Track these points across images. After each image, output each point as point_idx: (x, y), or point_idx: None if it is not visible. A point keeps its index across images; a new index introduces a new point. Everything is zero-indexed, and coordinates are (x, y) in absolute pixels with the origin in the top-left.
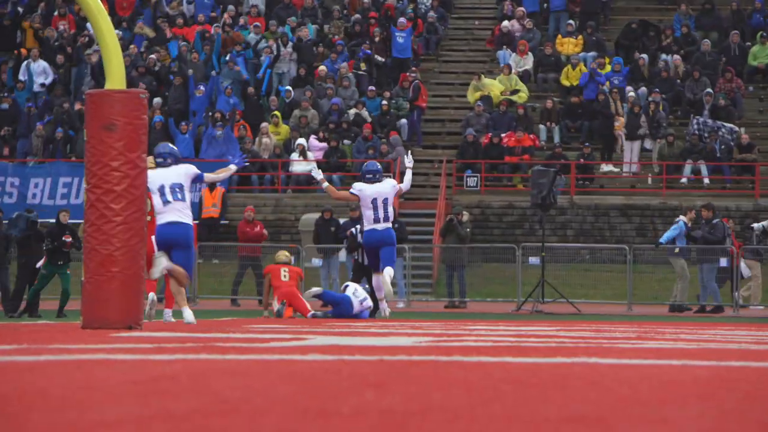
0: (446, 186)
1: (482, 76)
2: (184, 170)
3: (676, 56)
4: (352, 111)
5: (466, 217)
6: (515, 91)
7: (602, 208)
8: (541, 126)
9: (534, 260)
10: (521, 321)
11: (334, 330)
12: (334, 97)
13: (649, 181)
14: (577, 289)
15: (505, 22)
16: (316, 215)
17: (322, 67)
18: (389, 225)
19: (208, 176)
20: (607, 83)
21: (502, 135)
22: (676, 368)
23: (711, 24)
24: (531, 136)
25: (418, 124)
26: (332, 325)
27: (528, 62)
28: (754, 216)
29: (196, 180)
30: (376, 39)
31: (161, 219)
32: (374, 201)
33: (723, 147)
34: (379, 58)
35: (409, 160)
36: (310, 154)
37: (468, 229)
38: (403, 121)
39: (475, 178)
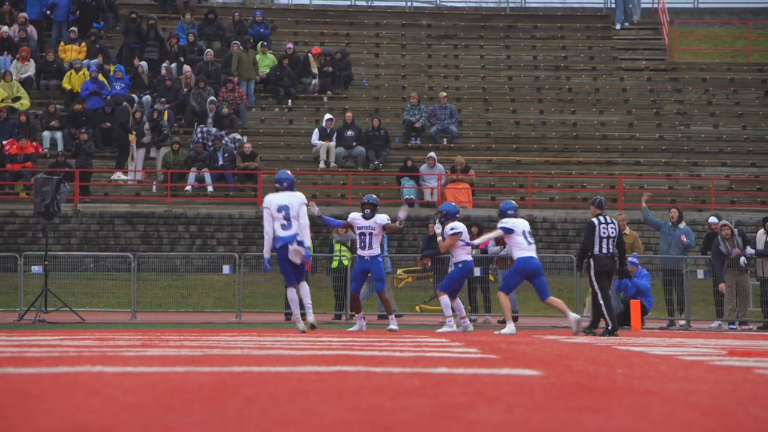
0: None
1: None
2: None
3: (187, 67)
4: None
5: None
6: (17, 98)
7: (107, 216)
8: (45, 133)
9: (37, 269)
10: (23, 331)
11: None
12: None
13: (154, 189)
14: (80, 298)
15: (5, 28)
16: None
17: None
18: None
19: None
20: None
21: (4, 142)
22: (179, 375)
23: (213, 33)
24: (34, 143)
25: None
26: None
27: (30, 69)
28: (257, 223)
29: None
30: None
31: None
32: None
33: (226, 155)
34: None
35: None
36: None
37: None
38: None
39: None
